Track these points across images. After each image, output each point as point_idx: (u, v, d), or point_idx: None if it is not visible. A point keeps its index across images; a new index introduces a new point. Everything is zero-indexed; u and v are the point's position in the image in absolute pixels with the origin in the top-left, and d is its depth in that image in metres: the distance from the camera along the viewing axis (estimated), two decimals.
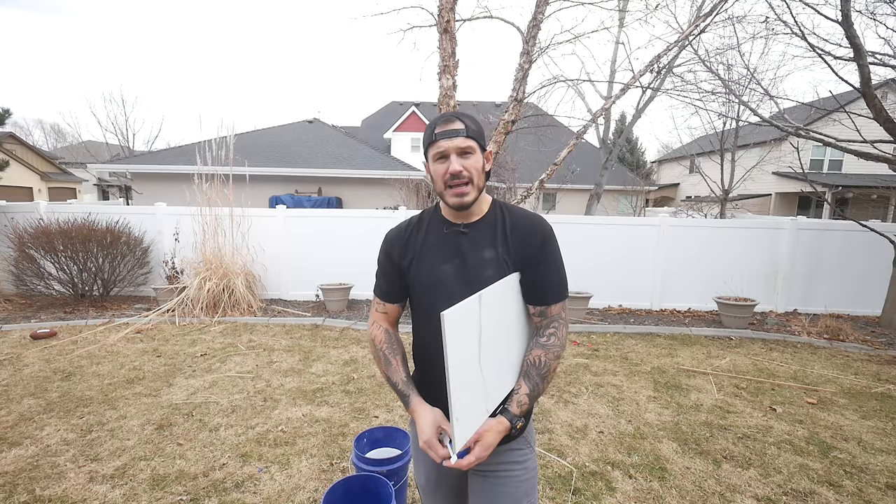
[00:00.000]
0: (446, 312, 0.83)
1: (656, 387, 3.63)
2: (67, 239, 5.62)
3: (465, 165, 1.02)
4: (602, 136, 13.27)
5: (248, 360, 4.10)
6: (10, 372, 3.72)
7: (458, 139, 1.01)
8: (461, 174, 1.01)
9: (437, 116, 1.08)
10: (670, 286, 6.21)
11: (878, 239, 5.58)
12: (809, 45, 5.16)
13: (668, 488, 2.31)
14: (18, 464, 2.43)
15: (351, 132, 17.02)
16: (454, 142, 1.01)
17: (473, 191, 1.04)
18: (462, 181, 1.02)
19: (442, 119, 1.04)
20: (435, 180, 1.06)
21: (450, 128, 1.02)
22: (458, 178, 1.02)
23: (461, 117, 1.04)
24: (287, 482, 2.32)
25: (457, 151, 1.01)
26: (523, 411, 1.00)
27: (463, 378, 0.88)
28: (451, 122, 1.03)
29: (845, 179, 14.57)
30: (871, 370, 4.09)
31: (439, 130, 1.03)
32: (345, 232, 6.42)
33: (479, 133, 1.06)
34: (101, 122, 36.94)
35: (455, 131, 1.01)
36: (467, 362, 0.90)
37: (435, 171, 1.05)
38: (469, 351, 0.91)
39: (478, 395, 0.94)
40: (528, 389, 1.01)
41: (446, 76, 4.94)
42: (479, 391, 0.94)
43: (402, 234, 1.16)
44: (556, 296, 1.08)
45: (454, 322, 0.85)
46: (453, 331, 0.85)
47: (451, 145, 1.01)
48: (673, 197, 22.16)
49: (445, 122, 1.03)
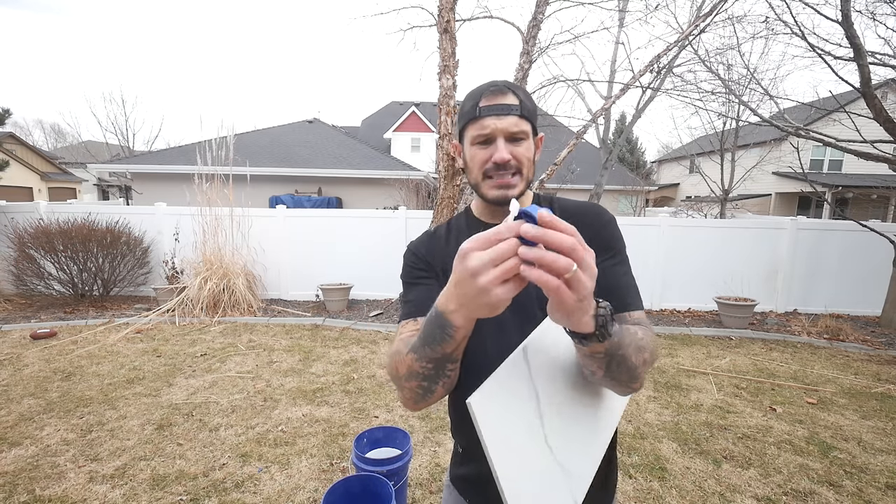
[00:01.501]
0: (472, 399, 0.60)
1: (656, 387, 3.63)
2: (67, 239, 5.62)
3: (515, 153, 0.77)
4: (602, 136, 13.27)
5: (248, 360, 4.10)
6: (10, 372, 3.72)
7: (511, 118, 0.76)
8: (509, 164, 0.77)
9: (483, 85, 0.79)
10: (670, 286, 6.21)
11: (878, 239, 5.58)
12: (809, 45, 5.16)
13: (668, 488, 2.31)
14: (18, 464, 2.43)
15: (351, 132, 17.02)
16: (504, 121, 0.75)
17: (521, 183, 0.80)
18: (509, 172, 0.78)
19: (490, 89, 0.77)
20: (469, 168, 0.81)
21: (500, 101, 0.76)
22: (505, 168, 0.77)
23: (514, 89, 0.78)
24: (287, 482, 2.32)
25: (506, 135, 0.76)
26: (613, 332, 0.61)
27: (524, 472, 0.64)
28: (501, 94, 0.76)
29: (845, 179, 14.57)
30: (871, 370, 4.09)
31: (485, 104, 0.76)
32: (345, 232, 6.42)
33: (534, 112, 0.81)
34: (101, 122, 36.99)
35: (507, 107, 0.76)
36: (527, 450, 0.65)
37: (472, 157, 0.80)
38: (527, 432, 0.66)
39: (554, 482, 0.67)
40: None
41: (446, 76, 4.94)
42: (553, 477, 0.67)
43: (430, 241, 0.90)
44: (632, 299, 0.79)
45: (486, 405, 0.61)
46: (488, 416, 0.61)
47: (501, 126, 0.76)
48: (673, 197, 22.17)
49: (494, 94, 0.76)
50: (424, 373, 0.69)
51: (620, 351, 0.62)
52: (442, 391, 0.73)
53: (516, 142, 0.77)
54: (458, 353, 0.68)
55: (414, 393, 0.73)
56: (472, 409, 0.60)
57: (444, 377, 0.70)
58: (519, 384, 0.66)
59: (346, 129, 18.81)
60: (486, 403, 0.61)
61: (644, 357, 0.67)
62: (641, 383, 0.70)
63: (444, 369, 0.69)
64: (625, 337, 0.64)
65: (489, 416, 0.61)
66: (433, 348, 0.65)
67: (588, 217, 0.83)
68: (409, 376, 0.70)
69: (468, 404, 0.60)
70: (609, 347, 0.60)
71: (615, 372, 0.65)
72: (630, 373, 0.66)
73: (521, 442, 0.65)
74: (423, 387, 0.71)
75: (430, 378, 0.70)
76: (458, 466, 0.92)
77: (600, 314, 0.57)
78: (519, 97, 0.77)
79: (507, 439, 0.63)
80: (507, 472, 0.61)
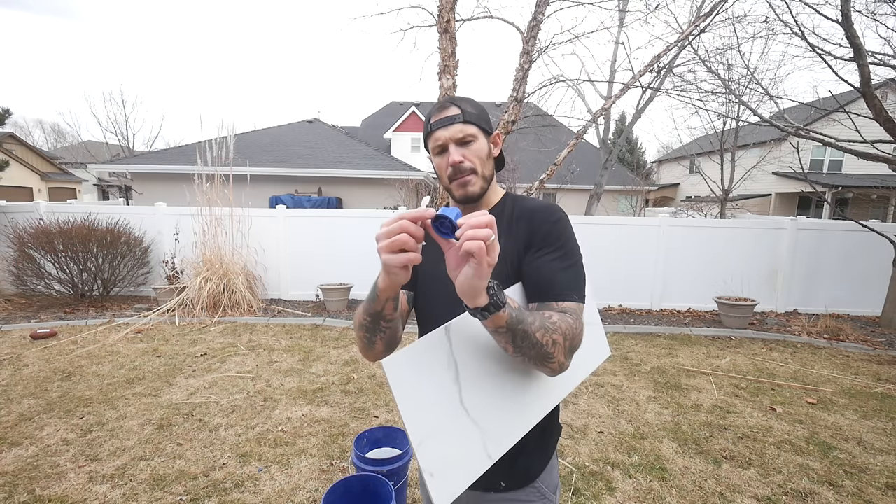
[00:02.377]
0: (385, 360, 0.70)
1: (656, 387, 3.63)
2: (67, 239, 5.62)
3: (466, 155, 0.90)
4: (602, 136, 13.27)
5: (248, 360, 4.10)
6: (10, 372, 3.72)
7: (455, 126, 0.90)
8: (462, 165, 0.90)
9: (434, 105, 0.97)
10: (670, 286, 6.21)
11: (878, 239, 5.58)
12: (809, 45, 5.16)
13: (668, 488, 2.31)
14: (18, 464, 2.43)
15: (351, 132, 17.02)
16: (450, 130, 0.90)
17: (479, 180, 0.92)
18: (464, 172, 0.91)
19: (437, 107, 0.93)
20: (440, 175, 0.96)
21: (445, 115, 0.91)
22: (460, 169, 0.90)
23: (457, 102, 0.92)
24: (287, 482, 2.32)
25: (455, 141, 0.90)
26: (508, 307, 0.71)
27: (434, 428, 0.73)
28: (445, 109, 0.91)
29: (845, 179, 14.57)
30: (871, 370, 4.09)
31: (434, 119, 0.92)
32: (345, 232, 6.42)
33: (480, 116, 0.93)
34: (101, 122, 37.09)
35: (450, 118, 0.90)
36: (439, 409, 0.74)
37: (437, 166, 0.95)
38: (441, 393, 0.75)
39: (468, 441, 0.77)
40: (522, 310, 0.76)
41: (446, 76, 4.94)
42: (469, 436, 0.77)
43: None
44: (564, 290, 0.85)
45: (399, 368, 0.71)
46: (400, 378, 0.71)
47: (448, 135, 0.90)
48: (673, 197, 22.16)
49: (440, 110, 0.92)
50: (366, 324, 0.86)
51: (521, 327, 0.72)
52: (381, 345, 0.89)
53: (466, 145, 0.91)
54: (386, 313, 0.83)
55: (361, 341, 0.90)
56: (385, 369, 0.70)
57: (381, 332, 0.86)
58: (438, 355, 0.76)
59: (346, 129, 18.81)
60: (399, 367, 0.71)
61: (553, 338, 0.75)
62: (560, 364, 0.78)
63: (378, 325, 0.85)
64: (526, 317, 0.74)
65: (401, 377, 0.71)
66: (370, 304, 0.82)
67: (537, 214, 0.92)
68: (358, 327, 0.89)
69: (381, 364, 0.70)
70: (508, 322, 0.71)
71: (522, 348, 0.74)
72: (538, 350, 0.75)
73: (434, 401, 0.74)
74: (367, 337, 0.88)
75: (370, 330, 0.86)
76: None
77: (490, 285, 0.68)
78: (461, 107, 0.91)
79: (419, 399, 0.72)
80: (415, 426, 0.71)
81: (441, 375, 0.76)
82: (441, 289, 0.92)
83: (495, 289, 0.69)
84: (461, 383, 0.77)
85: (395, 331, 0.89)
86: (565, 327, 0.78)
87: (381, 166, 11.06)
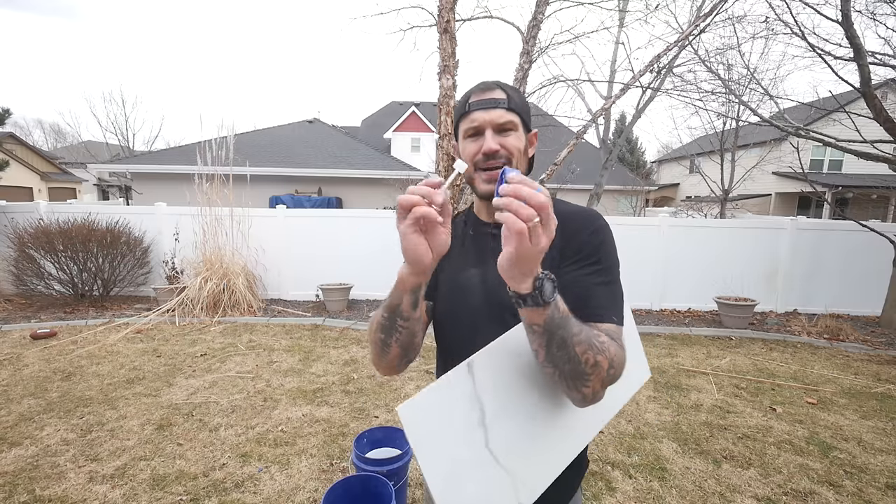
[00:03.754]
0: (402, 407, 0.63)
1: (656, 387, 3.63)
2: (67, 239, 5.62)
3: (504, 143, 0.80)
4: (602, 136, 13.27)
5: (248, 360, 4.10)
6: (10, 372, 3.72)
7: (498, 111, 0.80)
8: (497, 154, 0.80)
9: (475, 85, 0.85)
10: (670, 286, 6.21)
11: (878, 239, 5.58)
12: (809, 45, 5.16)
13: (668, 488, 2.31)
14: (18, 464, 2.43)
15: (351, 132, 17.01)
16: (492, 114, 0.80)
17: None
18: (497, 162, 0.80)
19: (479, 87, 0.84)
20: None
21: (488, 96, 0.81)
22: (494, 158, 0.80)
23: (503, 86, 0.83)
24: (287, 482, 2.32)
25: (494, 126, 0.80)
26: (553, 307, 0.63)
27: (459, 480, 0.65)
28: (489, 90, 0.82)
29: (845, 179, 14.57)
30: (871, 370, 4.09)
31: (475, 99, 0.82)
32: (345, 232, 6.42)
33: (525, 107, 0.85)
34: (101, 122, 37.15)
35: (494, 101, 0.81)
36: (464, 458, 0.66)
37: (465, 151, 0.83)
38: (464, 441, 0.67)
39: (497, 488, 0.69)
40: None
41: (446, 76, 4.94)
42: (497, 483, 0.69)
43: None
44: (604, 311, 0.75)
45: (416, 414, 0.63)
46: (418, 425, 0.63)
47: (488, 118, 0.80)
48: (673, 197, 22.16)
49: (482, 90, 0.82)
50: (382, 322, 0.79)
51: (560, 333, 0.63)
52: (396, 349, 0.80)
53: (505, 132, 0.81)
54: (404, 309, 0.75)
55: (376, 346, 0.82)
56: (400, 416, 0.62)
57: (397, 332, 0.78)
58: (460, 396, 0.68)
59: (346, 129, 18.79)
60: (416, 412, 0.63)
61: (596, 358, 0.65)
62: (594, 392, 0.68)
63: (395, 323, 0.77)
64: (572, 325, 0.64)
65: (418, 424, 0.63)
66: (388, 299, 0.76)
67: (575, 222, 0.82)
68: (375, 328, 0.81)
69: (397, 411, 0.62)
70: (547, 320, 0.62)
71: (556, 357, 0.65)
72: (574, 366, 0.65)
73: (457, 448, 0.66)
74: (382, 339, 0.80)
75: (385, 329, 0.79)
76: None
77: (539, 277, 0.60)
78: (507, 92, 0.82)
79: (440, 447, 0.64)
80: (436, 478, 0.63)
81: (464, 419, 0.68)
82: (464, 298, 0.86)
83: (543, 282, 0.60)
84: (487, 425, 0.69)
85: (412, 333, 0.80)
86: (613, 352, 0.68)
87: (381, 166, 11.06)
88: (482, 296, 0.85)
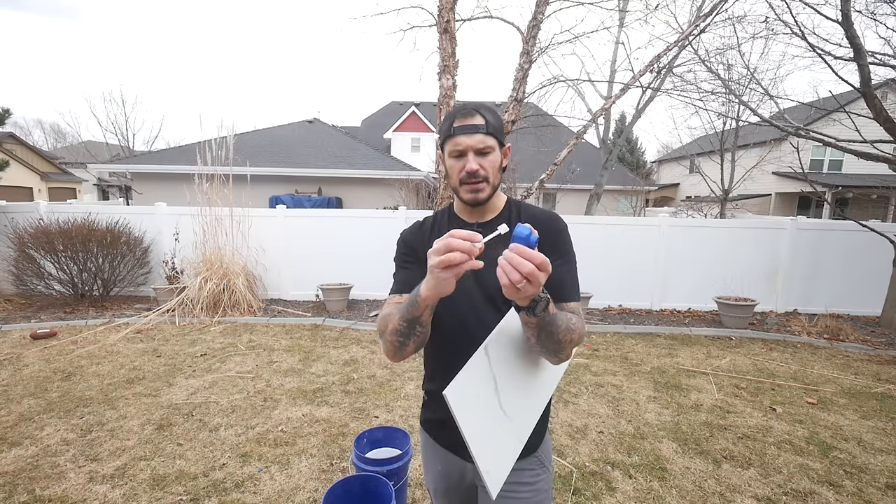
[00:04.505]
0: (447, 391, 0.79)
1: (656, 387, 3.63)
2: (67, 239, 5.62)
3: (483, 164, 0.98)
4: (602, 136, 13.27)
5: (248, 360, 4.10)
6: (10, 372, 3.72)
7: (478, 136, 0.97)
8: (478, 173, 0.97)
9: (457, 107, 1.02)
10: (670, 286, 6.21)
11: (878, 239, 5.58)
12: (809, 45, 5.16)
13: (668, 488, 2.31)
14: (18, 464, 2.43)
15: (351, 132, 17.02)
16: (473, 139, 0.97)
17: (489, 188, 1.01)
18: (478, 180, 0.98)
19: (462, 112, 0.99)
20: (450, 175, 1.03)
21: (469, 122, 0.97)
22: (475, 176, 0.98)
23: (482, 111, 0.99)
24: (287, 482, 2.32)
25: (475, 150, 0.97)
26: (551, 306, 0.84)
27: (486, 436, 0.86)
28: (470, 116, 0.97)
29: (845, 179, 14.57)
30: (871, 370, 4.09)
31: (458, 125, 0.97)
32: (345, 232, 6.42)
33: (500, 129, 1.01)
34: (101, 122, 37.09)
35: (475, 127, 0.96)
36: (487, 418, 0.88)
37: (451, 167, 1.01)
38: (487, 406, 0.88)
39: (507, 434, 0.92)
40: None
41: (446, 76, 4.94)
42: (507, 430, 0.92)
43: (418, 232, 1.12)
44: (570, 294, 1.00)
45: (458, 394, 0.81)
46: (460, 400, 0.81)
47: (470, 143, 0.96)
48: (673, 197, 22.16)
49: (465, 116, 0.98)
50: (401, 329, 0.92)
51: (549, 328, 0.84)
52: (412, 347, 0.95)
53: (483, 155, 0.98)
54: (424, 319, 0.89)
55: (392, 345, 0.95)
56: (448, 399, 0.78)
57: (414, 335, 0.92)
58: (481, 373, 0.87)
59: (346, 129, 18.79)
60: (457, 392, 0.81)
61: (571, 337, 0.88)
62: (568, 355, 0.93)
63: (414, 329, 0.91)
64: (558, 318, 0.85)
65: (460, 400, 0.81)
66: (409, 310, 0.88)
67: (545, 224, 1.02)
68: (391, 332, 0.94)
69: (444, 396, 0.79)
70: (539, 322, 0.82)
71: (544, 341, 0.86)
72: (556, 345, 0.87)
73: (483, 412, 0.87)
74: (399, 341, 0.94)
75: (404, 335, 0.92)
76: (425, 411, 1.17)
77: (535, 299, 0.78)
78: (486, 118, 0.98)
79: (473, 414, 0.84)
80: (473, 435, 0.83)
81: (485, 389, 0.88)
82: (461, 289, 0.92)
83: (538, 303, 0.78)
84: (499, 391, 0.90)
85: (427, 332, 0.95)
86: (580, 328, 0.91)
87: (381, 166, 11.06)
88: (475, 285, 1.01)
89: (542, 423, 1.07)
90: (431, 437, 1.15)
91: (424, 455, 1.23)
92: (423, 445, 1.21)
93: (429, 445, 1.18)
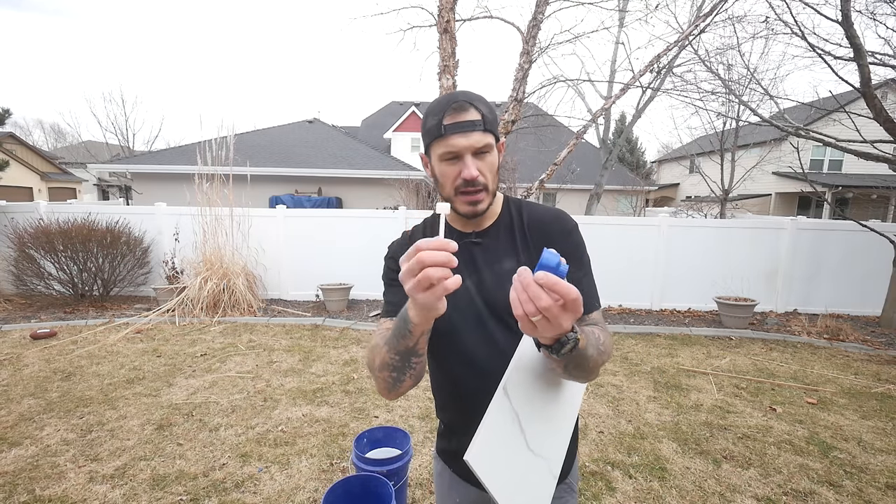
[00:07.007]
0: (469, 456, 0.67)
1: (656, 387, 3.63)
2: (67, 239, 5.62)
3: (482, 169, 0.80)
4: (602, 136, 13.28)
5: (248, 360, 4.10)
6: (10, 372, 3.72)
7: (475, 135, 0.78)
8: (477, 181, 0.79)
9: (444, 100, 0.81)
10: (670, 286, 6.20)
11: (878, 239, 5.57)
12: (809, 45, 5.16)
13: (668, 488, 2.31)
14: (18, 464, 2.43)
15: (351, 132, 17.01)
16: (470, 139, 0.78)
17: (488, 197, 0.84)
18: (477, 188, 0.80)
19: (452, 105, 0.78)
20: (441, 183, 0.83)
21: (464, 118, 0.78)
22: (474, 184, 0.80)
23: (475, 103, 0.79)
24: (287, 482, 2.32)
25: (472, 151, 0.79)
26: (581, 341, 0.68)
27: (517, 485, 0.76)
28: (464, 111, 0.78)
29: (845, 179, 14.57)
30: (871, 370, 4.09)
31: (450, 122, 0.78)
32: (345, 232, 6.42)
33: (495, 120, 0.82)
34: (101, 122, 37.05)
35: (471, 124, 0.77)
36: (516, 466, 0.76)
37: (442, 173, 0.82)
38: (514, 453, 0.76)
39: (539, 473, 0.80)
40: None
41: (446, 76, 4.94)
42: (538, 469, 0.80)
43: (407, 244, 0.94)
44: (590, 303, 0.83)
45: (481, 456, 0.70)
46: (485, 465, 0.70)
47: (467, 143, 0.78)
48: (673, 197, 22.17)
49: (457, 111, 0.78)
50: (393, 363, 0.76)
51: (579, 359, 0.68)
52: (410, 382, 0.80)
53: (482, 156, 0.80)
54: (419, 348, 0.74)
55: (385, 382, 0.80)
56: (471, 464, 0.68)
57: (410, 369, 0.77)
58: (503, 415, 0.75)
59: (346, 129, 18.79)
60: (479, 453, 0.70)
61: (602, 360, 0.76)
62: (596, 376, 0.79)
63: (409, 362, 0.76)
64: (588, 348, 0.69)
65: (484, 461, 0.70)
66: (399, 340, 0.73)
67: (554, 226, 0.89)
68: (382, 367, 0.78)
69: (466, 461, 0.67)
70: (565, 362, 0.67)
71: (572, 372, 0.72)
72: (586, 371, 0.73)
73: (511, 462, 0.75)
74: (392, 377, 0.78)
75: (398, 369, 0.77)
76: (441, 440, 1.04)
77: (560, 340, 0.64)
78: (481, 111, 0.79)
79: (500, 470, 0.73)
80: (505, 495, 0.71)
81: (510, 433, 0.76)
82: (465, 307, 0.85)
83: (566, 343, 0.63)
84: (524, 430, 0.78)
85: (424, 364, 0.81)
86: (608, 345, 0.79)
87: (381, 166, 11.06)
88: (481, 301, 0.87)
89: (571, 445, 0.95)
90: (448, 467, 1.02)
91: (439, 484, 1.07)
92: (439, 474, 1.07)
93: (445, 475, 1.04)
